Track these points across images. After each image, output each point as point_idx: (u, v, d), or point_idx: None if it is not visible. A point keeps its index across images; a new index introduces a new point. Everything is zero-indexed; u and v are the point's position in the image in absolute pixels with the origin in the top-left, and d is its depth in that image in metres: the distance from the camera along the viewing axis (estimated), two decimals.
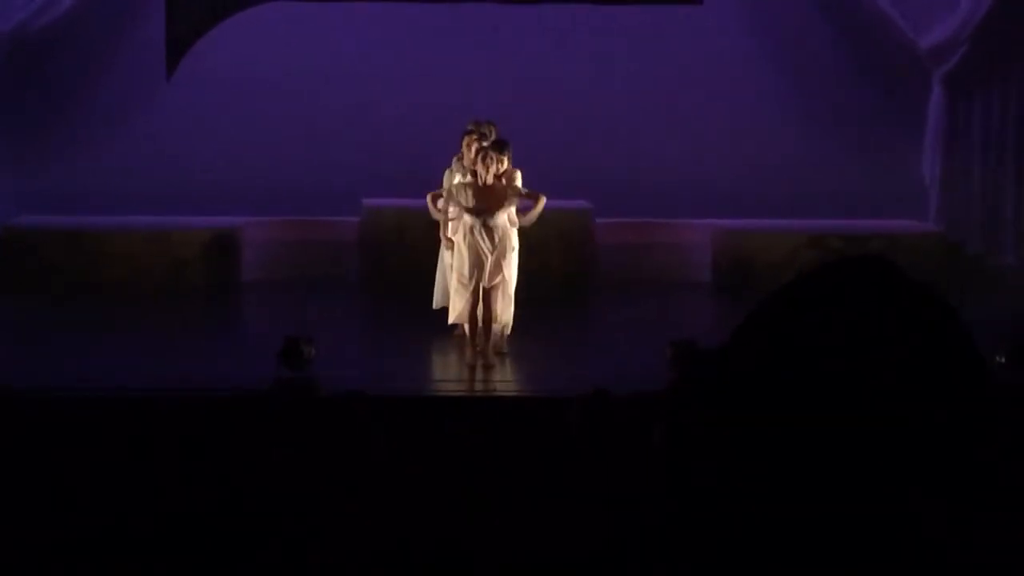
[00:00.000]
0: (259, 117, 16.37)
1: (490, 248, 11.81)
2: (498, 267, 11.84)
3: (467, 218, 11.84)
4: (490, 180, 11.84)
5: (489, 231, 11.82)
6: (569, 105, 16.43)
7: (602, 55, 16.66)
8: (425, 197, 12.79)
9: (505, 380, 11.85)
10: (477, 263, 11.82)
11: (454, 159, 12.71)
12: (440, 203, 12.32)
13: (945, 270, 14.94)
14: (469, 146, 12.31)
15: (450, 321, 12.18)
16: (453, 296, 12.08)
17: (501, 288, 11.90)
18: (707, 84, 16.65)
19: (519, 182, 12.22)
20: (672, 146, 16.44)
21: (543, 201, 12.30)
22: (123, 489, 7.51)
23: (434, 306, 12.83)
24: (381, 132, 15.81)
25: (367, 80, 16.40)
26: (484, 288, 11.84)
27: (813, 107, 16.75)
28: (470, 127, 12.70)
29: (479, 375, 11.79)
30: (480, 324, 11.89)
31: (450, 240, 12.29)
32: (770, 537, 2.63)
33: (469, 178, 12.04)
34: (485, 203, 11.81)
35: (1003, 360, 10.38)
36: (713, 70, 16.67)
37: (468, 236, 11.86)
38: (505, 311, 11.97)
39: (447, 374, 12.14)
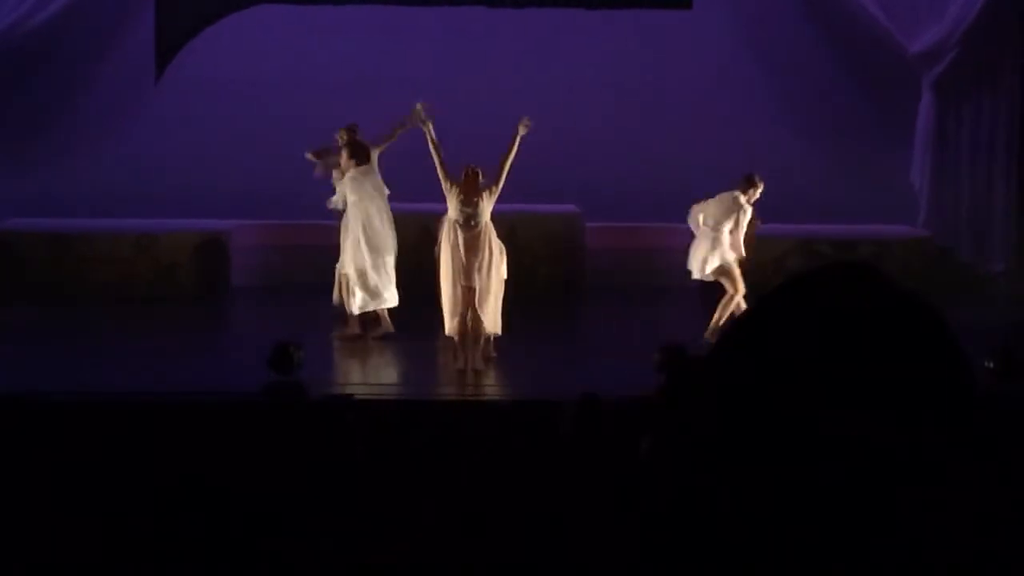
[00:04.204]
0: (248, 120, 16.35)
1: (473, 249, 11.98)
2: (482, 268, 11.97)
3: (450, 213, 12.09)
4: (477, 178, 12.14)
5: (471, 233, 12.00)
6: (558, 109, 16.42)
7: (592, 59, 16.67)
8: (409, 200, 12.88)
9: (495, 384, 11.85)
10: (459, 266, 11.97)
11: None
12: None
13: (934, 275, 14.97)
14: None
15: (446, 333, 12.25)
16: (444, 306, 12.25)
17: (488, 297, 11.97)
18: (696, 88, 16.66)
19: None
20: (661, 150, 16.45)
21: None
22: (110, 494, 7.50)
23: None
24: (370, 135, 15.80)
25: (355, 83, 16.39)
26: (472, 292, 11.94)
27: (802, 112, 16.76)
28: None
29: (469, 380, 11.80)
30: (468, 332, 11.96)
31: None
32: (757, 548, 2.63)
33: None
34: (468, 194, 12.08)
35: (992, 366, 10.38)
36: (702, 74, 16.68)
37: (451, 237, 12.05)
38: (493, 319, 12.03)
39: (436, 378, 12.13)
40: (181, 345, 13.23)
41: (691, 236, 15.52)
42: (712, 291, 15.20)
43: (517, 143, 12.25)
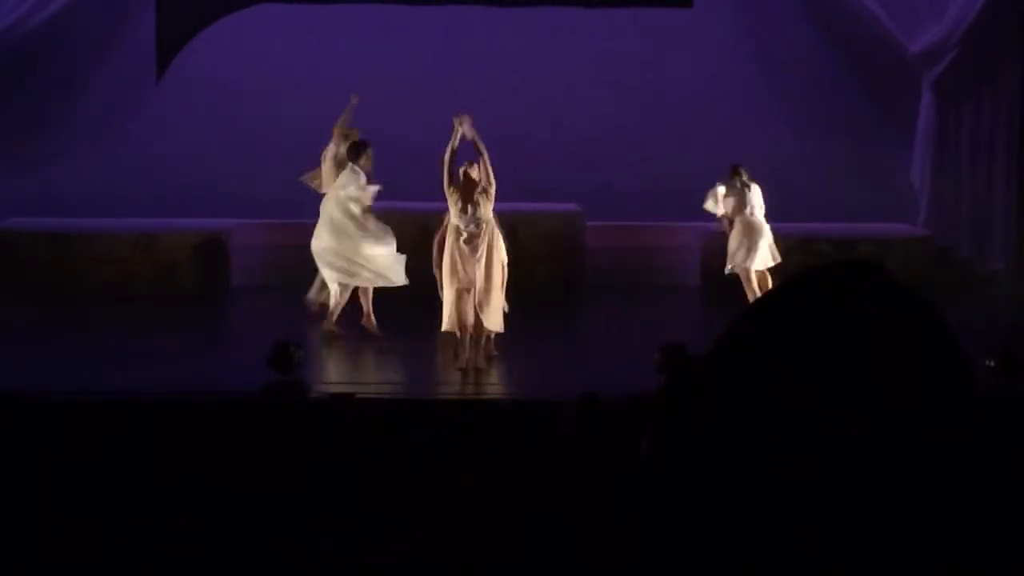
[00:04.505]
0: (248, 120, 16.35)
1: (474, 251, 11.92)
2: (481, 266, 11.92)
3: (452, 219, 11.99)
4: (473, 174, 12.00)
5: (473, 236, 11.93)
6: (559, 108, 16.42)
7: (591, 58, 16.67)
8: (411, 199, 12.83)
9: (495, 384, 11.84)
10: (460, 269, 11.93)
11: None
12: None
13: (934, 274, 14.96)
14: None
15: (443, 329, 12.18)
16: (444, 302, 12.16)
17: (489, 295, 11.93)
18: (697, 87, 16.65)
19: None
20: (662, 149, 16.44)
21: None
22: (110, 494, 7.50)
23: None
24: (370, 134, 15.78)
25: (355, 82, 16.36)
26: (472, 293, 11.91)
27: (803, 111, 16.76)
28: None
29: (470, 379, 11.78)
30: (469, 331, 11.93)
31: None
32: (756, 547, 2.62)
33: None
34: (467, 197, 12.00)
35: (992, 364, 10.38)
36: (703, 73, 16.68)
37: (452, 240, 11.99)
38: (495, 317, 11.99)
39: (436, 378, 12.12)
40: (181, 345, 13.23)
41: (694, 235, 15.53)
42: (712, 290, 15.20)
43: (479, 142, 12.11)
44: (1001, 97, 15.97)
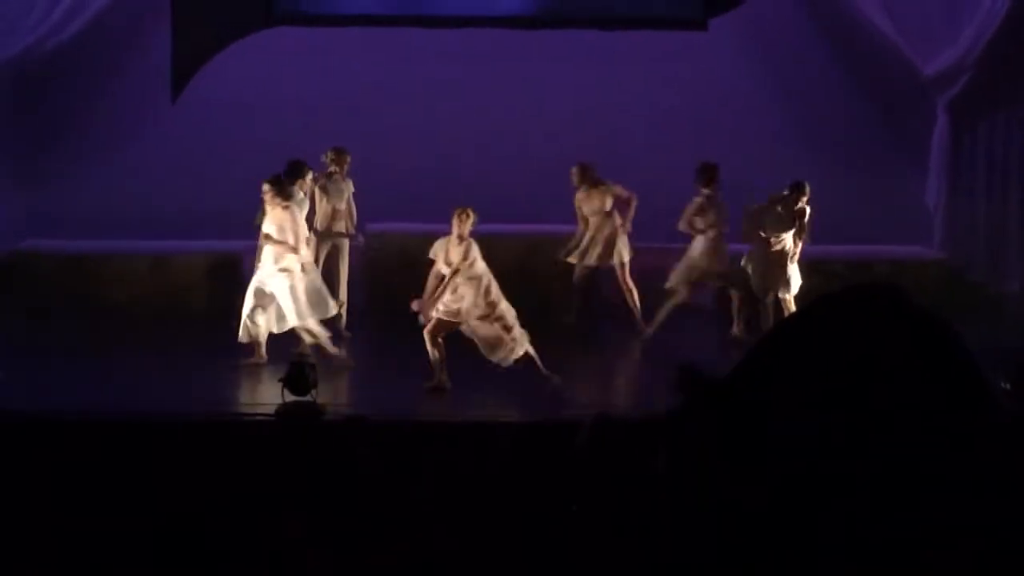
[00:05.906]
0: (262, 142, 16.36)
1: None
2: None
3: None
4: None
5: None
6: (572, 129, 16.42)
7: (607, 80, 16.68)
8: (425, 221, 12.89)
9: (508, 405, 11.83)
10: None
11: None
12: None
13: (949, 296, 14.94)
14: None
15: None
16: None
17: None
18: (711, 109, 16.66)
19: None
20: (676, 170, 16.42)
21: None
22: (125, 511, 7.51)
23: None
24: (384, 156, 15.81)
25: (369, 104, 16.41)
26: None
27: (817, 133, 16.76)
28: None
29: (481, 401, 11.80)
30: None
31: None
32: (770, 560, 2.63)
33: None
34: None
35: (1008, 386, 10.37)
36: (717, 95, 16.68)
37: None
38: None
39: (450, 400, 12.11)
40: (195, 365, 13.24)
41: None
42: (726, 311, 15.20)
43: None
44: (1016, 118, 15.99)
